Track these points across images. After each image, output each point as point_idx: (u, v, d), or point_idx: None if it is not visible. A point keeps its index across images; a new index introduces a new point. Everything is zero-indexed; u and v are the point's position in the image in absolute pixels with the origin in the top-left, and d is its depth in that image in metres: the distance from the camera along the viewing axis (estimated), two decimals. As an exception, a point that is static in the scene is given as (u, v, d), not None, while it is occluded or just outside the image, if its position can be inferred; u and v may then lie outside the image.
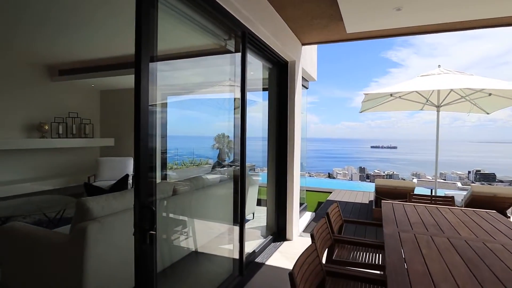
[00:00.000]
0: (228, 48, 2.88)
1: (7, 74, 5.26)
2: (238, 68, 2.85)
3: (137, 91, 1.54)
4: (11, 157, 5.32)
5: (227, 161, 5.07)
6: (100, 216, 2.05)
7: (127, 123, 6.66)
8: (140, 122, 1.52)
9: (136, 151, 1.52)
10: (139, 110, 1.52)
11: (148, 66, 1.61)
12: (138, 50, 1.57)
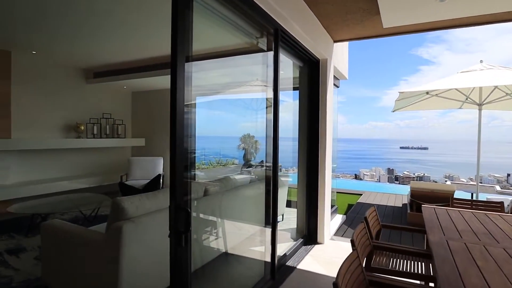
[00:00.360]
0: (260, 46, 2.82)
1: (48, 77, 5.53)
2: (270, 67, 2.78)
3: (173, 92, 1.52)
4: (50, 156, 5.58)
5: (256, 161, 5.03)
6: (135, 216, 2.06)
7: (157, 124, 6.80)
8: (176, 122, 1.49)
9: (172, 152, 1.49)
10: (175, 110, 1.49)
11: (184, 67, 1.58)
12: (174, 50, 1.54)
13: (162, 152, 6.66)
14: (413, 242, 4.05)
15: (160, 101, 6.74)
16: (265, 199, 2.87)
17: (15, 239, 3.69)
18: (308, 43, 3.26)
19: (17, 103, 5.06)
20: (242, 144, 17.10)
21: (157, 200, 2.24)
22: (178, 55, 1.54)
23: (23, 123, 5.16)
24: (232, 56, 3.41)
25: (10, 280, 2.67)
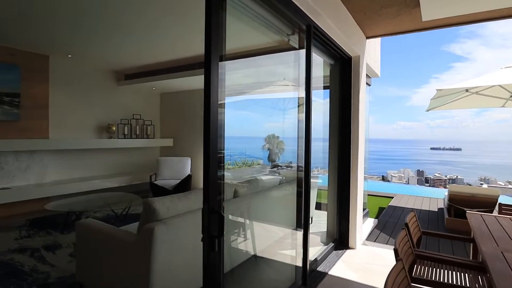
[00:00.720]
0: (292, 44, 2.73)
1: (83, 80, 5.74)
2: (302, 65, 2.69)
3: (206, 92, 1.48)
4: (84, 156, 5.79)
5: (282, 162, 4.93)
6: (166, 217, 2.04)
7: (184, 124, 6.88)
8: (210, 123, 1.44)
9: (205, 154, 1.44)
10: (209, 111, 1.45)
11: (217, 66, 1.54)
12: (208, 49, 1.49)
13: (189, 153, 6.73)
14: (453, 251, 3.79)
15: (188, 102, 6.82)
16: (296, 201, 2.77)
17: (52, 235, 3.83)
18: (341, 39, 3.13)
19: (54, 105, 5.28)
20: (266, 145, 16.91)
21: (188, 201, 2.21)
22: (212, 53, 1.49)
23: (59, 124, 5.38)
24: (262, 55, 3.35)
25: (47, 276, 2.76)
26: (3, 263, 3.00)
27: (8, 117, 4.67)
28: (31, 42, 4.46)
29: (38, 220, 4.44)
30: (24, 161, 4.93)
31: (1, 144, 4.46)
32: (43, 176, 5.16)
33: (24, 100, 4.85)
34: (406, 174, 50.67)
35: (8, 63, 4.65)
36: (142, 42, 4.36)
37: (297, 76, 2.91)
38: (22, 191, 4.60)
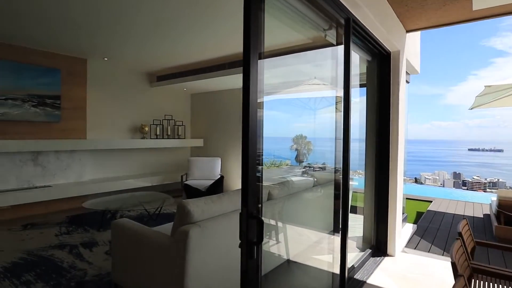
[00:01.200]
0: (329, 39, 2.60)
1: (117, 82, 5.92)
2: (340, 62, 2.55)
3: (245, 91, 1.39)
4: (119, 156, 5.97)
5: (314, 163, 4.77)
6: (200, 220, 1.99)
7: (214, 125, 6.91)
8: (249, 123, 1.35)
9: (244, 155, 1.36)
10: (248, 110, 1.36)
11: (256, 64, 1.45)
12: (247, 47, 1.41)
13: (219, 153, 6.74)
14: (505, 262, 3.46)
15: (217, 103, 6.83)
16: (333, 204, 2.63)
17: (89, 232, 3.95)
18: (381, 33, 2.95)
19: (91, 106, 5.48)
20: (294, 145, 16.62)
21: (222, 203, 2.15)
22: (251, 51, 1.41)
23: (96, 125, 5.58)
24: (294, 53, 3.23)
25: (84, 273, 2.82)
26: (45, 259, 3.11)
27: (50, 119, 4.89)
28: (71, 46, 4.64)
29: (76, 217, 4.61)
30: (64, 161, 5.16)
31: (44, 144, 4.69)
32: (81, 175, 5.37)
33: (64, 102, 5.07)
34: (441, 176, 48.04)
35: (50, 67, 4.88)
36: (174, 43, 4.39)
37: (334, 73, 2.77)
38: (62, 189, 4.80)
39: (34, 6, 3.17)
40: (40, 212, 4.79)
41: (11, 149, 4.40)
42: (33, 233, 3.90)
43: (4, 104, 4.43)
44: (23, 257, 3.15)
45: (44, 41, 4.39)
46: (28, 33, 4.03)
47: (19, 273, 2.79)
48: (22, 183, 4.70)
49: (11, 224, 4.25)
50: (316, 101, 3.78)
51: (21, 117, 4.59)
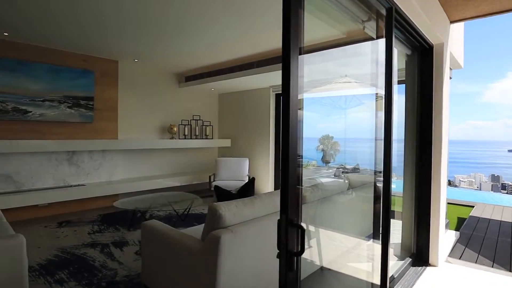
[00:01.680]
0: (368, 32, 2.42)
1: (147, 83, 6.00)
2: (381, 56, 2.35)
3: (285, 88, 1.27)
4: (148, 156, 6.05)
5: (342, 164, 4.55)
6: (232, 224, 1.89)
7: (242, 125, 6.84)
8: (290, 123, 1.23)
9: (284, 158, 1.23)
10: (288, 109, 1.24)
11: (297, 60, 1.33)
12: (287, 40, 1.29)
13: (247, 153, 6.66)
14: None
15: (245, 102, 6.76)
16: (372, 208, 2.45)
17: (120, 232, 3.99)
18: (424, 23, 2.71)
19: (121, 107, 5.59)
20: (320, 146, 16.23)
21: (254, 207, 2.04)
22: (292, 46, 1.29)
23: (126, 125, 5.68)
24: (327, 49, 3.07)
25: (115, 273, 2.81)
26: (78, 257, 3.16)
27: (84, 119, 5.03)
28: (104, 48, 4.74)
29: (108, 216, 4.70)
30: (97, 160, 5.29)
31: (79, 144, 4.82)
32: (112, 174, 5.48)
33: (97, 103, 5.20)
34: (478, 179, 45.22)
35: (83, 69, 5.02)
36: (203, 43, 4.36)
37: (372, 70, 2.58)
38: (95, 188, 4.92)
39: (70, 11, 3.24)
40: (75, 210, 4.94)
41: (50, 149, 4.56)
42: (67, 231, 4.00)
43: (42, 106, 4.60)
44: (58, 255, 3.21)
45: (79, 44, 4.51)
46: (65, 36, 4.15)
47: (53, 271, 2.84)
48: (58, 182, 4.86)
49: (47, 221, 4.40)
50: (346, 100, 3.59)
51: (57, 118, 4.75)
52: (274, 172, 6.35)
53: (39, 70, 4.56)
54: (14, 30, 3.94)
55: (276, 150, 6.36)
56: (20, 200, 4.23)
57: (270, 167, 6.28)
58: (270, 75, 5.18)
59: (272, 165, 6.33)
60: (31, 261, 3.04)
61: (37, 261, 3.04)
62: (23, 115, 4.45)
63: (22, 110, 4.44)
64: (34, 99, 4.54)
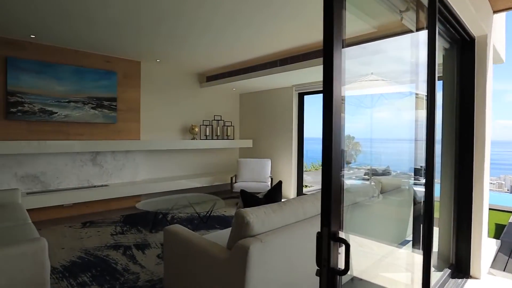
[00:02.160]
0: (406, 24, 2.21)
1: (168, 83, 5.99)
2: (421, 50, 2.15)
3: (327, 85, 1.11)
4: (170, 156, 6.03)
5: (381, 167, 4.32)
6: (260, 232, 1.75)
7: (263, 125, 6.70)
8: (333, 123, 1.07)
9: (326, 162, 1.08)
10: (331, 108, 1.08)
11: (340, 54, 1.17)
12: (329, 31, 1.13)
13: (268, 154, 6.51)
14: None
15: (267, 102, 6.62)
16: (412, 214, 2.24)
17: (142, 233, 3.95)
18: (469, 14, 2.47)
19: (144, 107, 5.59)
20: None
21: (283, 213, 1.89)
22: (335, 37, 1.13)
23: (148, 126, 5.68)
24: (369, 42, 2.88)
25: (137, 278, 2.75)
26: (101, 259, 3.13)
27: (107, 120, 5.05)
28: (127, 49, 4.74)
29: (130, 217, 4.69)
30: (120, 161, 5.31)
31: (102, 145, 4.85)
32: (135, 175, 5.49)
33: (120, 104, 5.21)
34: (508, 181, 42.83)
35: (106, 70, 5.04)
36: (226, 42, 4.26)
37: (409, 65, 2.38)
38: (118, 189, 4.93)
39: (95, 12, 3.22)
40: (98, 210, 4.97)
41: (76, 149, 4.61)
42: (91, 231, 4.00)
43: (67, 107, 4.65)
44: (81, 256, 3.20)
45: (103, 45, 4.52)
46: (89, 37, 4.17)
47: (76, 273, 2.81)
48: (82, 182, 4.91)
49: (72, 221, 4.44)
50: (372, 98, 3.38)
51: (82, 119, 4.79)
52: (297, 174, 6.17)
53: (64, 72, 4.62)
54: (40, 32, 3.99)
55: (299, 151, 6.18)
56: (47, 200, 4.28)
57: (293, 169, 6.10)
58: (293, 74, 5.01)
59: (295, 167, 6.15)
60: (55, 262, 3.04)
61: (61, 263, 3.03)
62: (49, 116, 4.51)
63: (48, 111, 4.50)
64: (60, 100, 4.59)
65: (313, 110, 6.45)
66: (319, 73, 4.96)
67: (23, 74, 4.29)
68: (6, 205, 3.41)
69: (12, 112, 4.22)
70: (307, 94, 6.08)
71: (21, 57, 4.29)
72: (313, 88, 5.78)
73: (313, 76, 5.21)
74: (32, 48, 4.38)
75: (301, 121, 6.16)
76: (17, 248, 1.84)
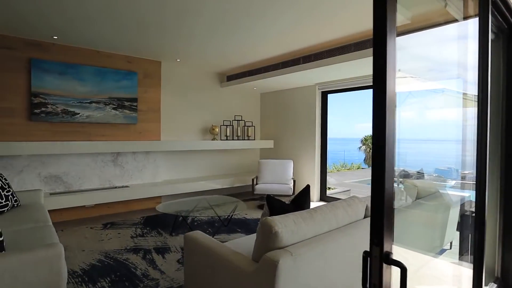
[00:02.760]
0: (451, 12, 1.97)
1: (190, 83, 5.92)
2: (471, 42, 1.91)
3: (379, 78, 0.92)
4: (190, 157, 5.96)
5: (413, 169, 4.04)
6: (290, 244, 1.57)
7: (284, 125, 6.51)
8: (386, 122, 0.89)
9: (377, 168, 0.89)
10: (384, 106, 0.90)
11: (394, 42, 0.98)
12: (382, 16, 0.94)
13: (290, 155, 6.32)
14: None
15: (288, 101, 6.42)
16: (457, 223, 2.00)
17: (162, 236, 3.86)
18: (522, -2, 2.19)
19: (164, 108, 5.54)
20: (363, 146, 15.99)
21: (314, 223, 1.71)
22: (389, 23, 0.94)
23: (168, 126, 5.63)
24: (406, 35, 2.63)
25: (156, 284, 2.64)
26: (120, 263, 3.05)
27: (128, 121, 5.03)
28: (147, 49, 4.69)
29: (150, 219, 4.63)
30: (140, 162, 5.27)
31: (123, 146, 4.82)
32: (155, 176, 5.44)
33: (141, 105, 5.18)
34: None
35: (127, 70, 5.02)
36: (248, 39, 4.11)
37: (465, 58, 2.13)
38: (138, 190, 4.89)
39: (116, 12, 3.15)
40: (119, 211, 4.95)
41: (98, 150, 4.60)
42: (111, 233, 3.96)
43: (88, 107, 4.65)
44: (101, 259, 3.13)
45: (124, 45, 4.49)
46: (110, 38, 4.13)
47: (95, 278, 2.73)
48: (103, 183, 4.90)
49: (93, 222, 4.42)
50: (400, 96, 3.10)
51: (103, 120, 4.78)
52: (320, 175, 5.94)
53: (86, 73, 4.62)
54: (63, 33, 3.99)
55: (322, 152, 5.95)
56: (69, 201, 4.29)
57: (316, 170, 5.88)
58: (316, 72, 4.79)
59: (318, 168, 5.92)
60: (75, 265, 2.99)
61: (81, 266, 2.97)
62: (72, 117, 4.53)
63: (70, 112, 4.51)
64: (82, 101, 4.60)
65: (333, 109, 6.15)
66: (344, 70, 4.71)
67: (46, 75, 4.31)
68: (29, 206, 3.41)
69: (36, 113, 4.25)
70: (331, 92, 5.84)
71: (45, 58, 4.32)
72: (338, 87, 5.53)
73: (338, 73, 4.98)
74: (55, 49, 4.40)
75: (324, 120, 5.92)
76: (32, 254, 1.76)
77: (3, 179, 3.31)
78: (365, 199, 2.18)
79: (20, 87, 4.20)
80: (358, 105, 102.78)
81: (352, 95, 9.67)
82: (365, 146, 25.94)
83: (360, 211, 2.06)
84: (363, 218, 2.10)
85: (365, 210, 2.12)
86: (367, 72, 4.85)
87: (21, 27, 3.78)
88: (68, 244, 3.52)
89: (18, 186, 4.19)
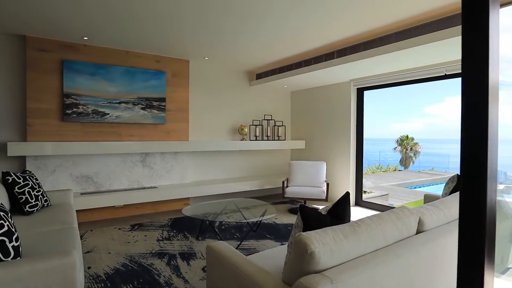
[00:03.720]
0: None
1: (218, 81, 5.78)
2: (505, 31, 1.51)
3: (474, 65, 0.64)
4: (218, 158, 5.81)
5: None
6: (329, 267, 1.30)
7: (316, 124, 6.17)
8: (488, 120, 0.60)
9: (470, 178, 0.61)
10: (486, 97, 0.61)
11: (498, 16, 0.68)
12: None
13: (323, 156, 5.97)
14: None
15: (320, 100, 6.07)
16: None
17: (188, 240, 3.72)
18: None
19: (192, 107, 5.43)
20: (398, 147, 14.92)
21: (359, 240, 1.41)
22: None
23: (196, 126, 5.52)
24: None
25: (180, 295, 2.46)
26: (144, 269, 2.92)
27: (156, 121, 4.97)
28: (175, 48, 4.59)
29: (178, 221, 4.52)
30: (168, 162, 5.20)
31: (152, 146, 4.76)
32: (183, 177, 5.35)
33: (169, 104, 5.10)
34: None
35: (156, 70, 4.96)
36: (281, 34, 3.86)
37: None
38: (166, 191, 4.80)
39: (144, 11, 3.03)
40: (147, 212, 4.90)
41: (129, 150, 4.58)
42: (138, 235, 3.88)
43: (118, 108, 4.64)
44: (125, 264, 3.03)
45: (152, 44, 4.42)
46: (139, 38, 4.07)
47: (118, 285, 2.61)
48: (132, 183, 4.87)
49: (121, 222, 4.39)
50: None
51: (132, 120, 4.75)
52: (355, 178, 5.54)
53: (116, 73, 4.61)
54: (92, 34, 3.98)
55: (357, 153, 5.54)
56: (99, 201, 4.28)
57: (351, 173, 5.48)
58: (352, 66, 4.43)
59: (353, 171, 5.53)
60: (100, 268, 2.90)
61: (105, 270, 2.88)
62: (102, 117, 4.53)
63: (100, 112, 4.52)
64: (111, 101, 4.59)
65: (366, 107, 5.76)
66: (382, 64, 4.31)
67: (78, 76, 4.34)
68: (58, 206, 3.40)
69: (68, 114, 4.29)
70: (367, 89, 5.42)
71: (76, 59, 4.35)
72: (374, 83, 5.11)
73: (375, 68, 4.58)
74: (86, 50, 4.42)
75: (360, 119, 5.51)
76: (44, 263, 1.63)
77: (34, 179, 3.32)
78: (417, 211, 1.84)
79: (53, 89, 4.25)
80: (394, 103, 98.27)
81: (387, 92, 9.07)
82: (401, 147, 24.61)
83: (412, 225, 1.73)
84: (415, 234, 1.77)
85: (417, 224, 1.78)
86: (408, 65, 4.41)
87: (54, 29, 3.81)
88: (95, 245, 3.48)
89: (51, 186, 4.24)
